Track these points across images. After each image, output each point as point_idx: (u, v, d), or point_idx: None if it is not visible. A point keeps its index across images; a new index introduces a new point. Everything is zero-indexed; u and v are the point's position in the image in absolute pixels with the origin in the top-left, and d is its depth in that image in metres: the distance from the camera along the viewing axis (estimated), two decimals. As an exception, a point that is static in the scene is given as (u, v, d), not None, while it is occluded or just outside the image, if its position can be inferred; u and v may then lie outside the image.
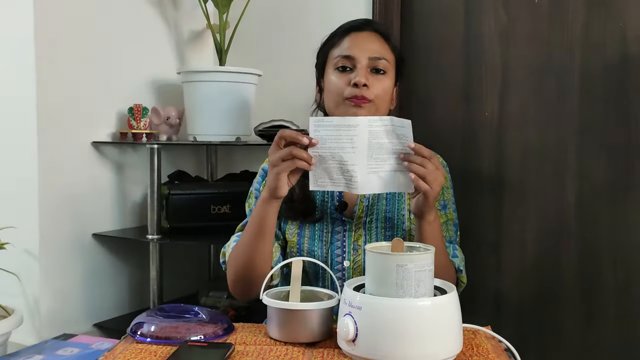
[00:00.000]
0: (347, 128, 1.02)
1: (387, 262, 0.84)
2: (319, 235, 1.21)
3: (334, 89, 1.18)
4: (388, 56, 1.20)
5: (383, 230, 1.19)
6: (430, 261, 0.86)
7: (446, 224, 1.23)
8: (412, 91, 1.77)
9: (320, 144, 1.02)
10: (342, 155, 1.02)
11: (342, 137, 1.02)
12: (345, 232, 1.20)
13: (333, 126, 1.02)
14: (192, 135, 1.87)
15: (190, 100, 1.87)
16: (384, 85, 1.19)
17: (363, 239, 1.19)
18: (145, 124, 1.87)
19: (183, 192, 1.83)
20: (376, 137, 1.02)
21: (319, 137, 1.02)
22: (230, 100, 1.83)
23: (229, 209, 1.85)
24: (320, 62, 1.24)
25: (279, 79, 2.00)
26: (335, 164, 1.03)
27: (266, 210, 1.09)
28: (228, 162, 2.16)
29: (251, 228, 1.12)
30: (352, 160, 1.02)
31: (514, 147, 1.64)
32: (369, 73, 1.17)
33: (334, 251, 1.19)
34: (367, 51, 1.17)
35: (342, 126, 1.02)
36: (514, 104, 1.63)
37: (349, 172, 1.02)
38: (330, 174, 1.03)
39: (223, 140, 1.84)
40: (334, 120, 1.02)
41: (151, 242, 1.75)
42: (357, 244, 1.19)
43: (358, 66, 1.17)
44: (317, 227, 1.20)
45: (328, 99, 1.20)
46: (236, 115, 1.85)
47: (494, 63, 1.65)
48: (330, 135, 1.02)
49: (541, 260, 1.61)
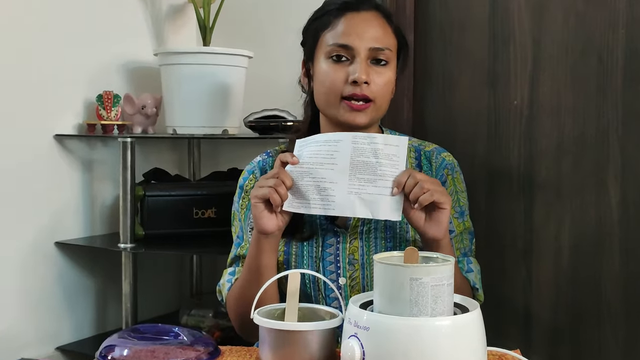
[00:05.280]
0: (327, 143, 1.07)
1: (399, 275, 0.83)
2: (308, 251, 1.21)
3: (328, 85, 1.17)
4: (391, 43, 1.19)
5: (383, 241, 1.19)
6: (449, 274, 0.85)
7: (461, 235, 1.23)
8: (428, 75, 1.76)
9: (300, 160, 1.08)
10: (320, 172, 1.06)
11: (321, 152, 1.06)
12: (338, 245, 1.20)
13: (315, 142, 1.08)
14: (172, 127, 1.87)
15: (169, 87, 1.87)
16: (386, 78, 1.18)
17: (360, 252, 1.19)
18: (117, 114, 1.86)
19: (161, 194, 1.83)
20: (361, 154, 1.05)
21: (300, 155, 1.09)
22: (215, 86, 1.83)
23: (214, 213, 1.85)
24: (309, 43, 1.23)
25: (272, 61, 1.99)
26: (312, 182, 1.06)
27: (260, 249, 1.11)
28: (213, 159, 2.16)
29: (248, 271, 1.14)
30: (330, 177, 1.06)
31: (547, 140, 1.63)
32: (368, 65, 1.17)
33: (327, 267, 1.19)
34: (367, 40, 1.16)
35: (324, 141, 1.07)
36: (547, 89, 1.63)
37: (326, 190, 1.05)
38: (306, 194, 1.07)
39: (207, 133, 1.84)
40: (316, 137, 1.09)
41: (124, 252, 1.75)
42: (354, 258, 1.19)
43: (357, 58, 1.16)
44: (305, 242, 1.21)
45: (320, 92, 1.20)
46: (223, 104, 1.85)
47: (524, 42, 1.65)
48: (310, 151, 1.07)
49: (579, 273, 1.60)
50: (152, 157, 2.06)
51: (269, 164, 1.28)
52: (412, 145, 1.26)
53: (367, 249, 1.19)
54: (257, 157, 1.30)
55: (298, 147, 1.10)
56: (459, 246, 1.21)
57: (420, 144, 1.28)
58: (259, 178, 1.17)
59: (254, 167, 1.28)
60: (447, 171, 1.23)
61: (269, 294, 1.10)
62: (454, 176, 1.24)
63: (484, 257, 1.36)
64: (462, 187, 1.25)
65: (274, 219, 1.09)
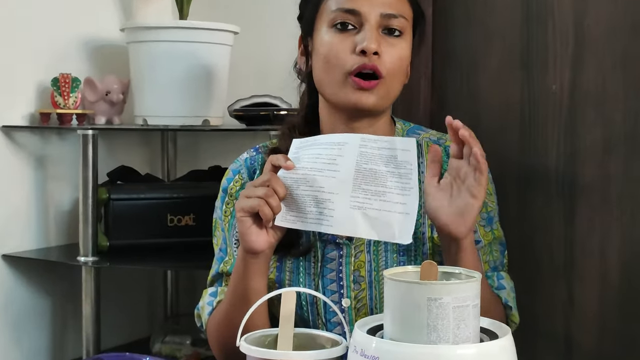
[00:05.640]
0: (330, 146, 1.06)
1: (414, 294, 0.83)
2: (305, 266, 1.21)
3: (332, 58, 1.17)
4: (405, 11, 1.19)
5: (395, 255, 1.19)
6: (475, 293, 0.85)
7: (490, 246, 1.22)
8: (449, 56, 1.76)
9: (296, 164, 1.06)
10: (319, 180, 1.05)
11: (322, 156, 1.05)
12: (341, 259, 1.20)
13: (315, 144, 1.07)
14: (142, 116, 1.87)
15: (139, 68, 1.87)
16: (400, 52, 1.18)
17: (367, 268, 1.19)
18: (76, 101, 1.86)
19: (129, 197, 1.83)
20: (369, 160, 1.04)
21: (296, 158, 1.07)
22: (194, 68, 1.83)
23: (193, 220, 1.85)
24: (308, 15, 1.23)
25: (263, 37, 1.99)
26: (309, 192, 1.05)
27: (247, 271, 1.11)
28: (192, 155, 2.16)
29: (233, 294, 1.14)
30: (330, 187, 1.04)
31: (592, 134, 1.63)
32: (380, 34, 1.17)
33: (327, 286, 1.20)
34: (378, 5, 1.17)
35: (326, 143, 1.06)
36: (592, 74, 1.63)
37: (324, 202, 1.04)
38: (303, 206, 1.06)
39: (185, 125, 1.84)
40: (319, 138, 1.09)
41: (84, 267, 1.75)
42: (359, 275, 1.19)
43: (366, 26, 1.16)
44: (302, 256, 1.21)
45: (320, 69, 1.19)
46: (203, 89, 1.85)
47: (564, 20, 1.65)
48: (308, 154, 1.06)
49: (629, 293, 1.60)
50: (119, 153, 2.06)
51: (259, 162, 1.28)
52: (429, 139, 1.26)
53: (375, 264, 1.19)
54: (243, 154, 1.30)
55: (295, 148, 1.09)
56: (487, 259, 1.21)
57: (439, 138, 1.28)
58: (246, 184, 1.17)
59: (239, 166, 1.28)
60: None
61: (258, 318, 1.10)
62: None
63: (516, 273, 1.36)
64: (490, 190, 1.25)
65: (263, 235, 1.08)
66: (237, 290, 1.13)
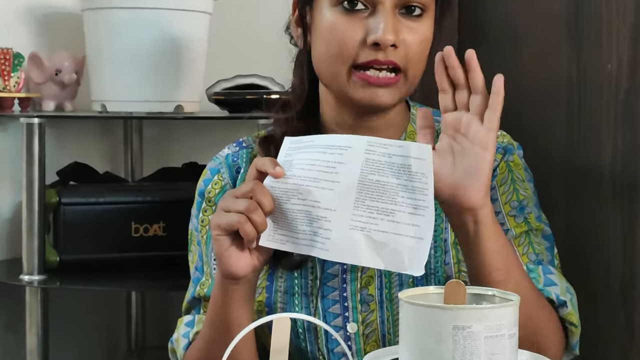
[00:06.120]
0: (329, 149, 1.05)
1: (438, 321, 0.83)
2: (301, 285, 1.21)
3: (335, 45, 1.15)
4: None
5: None
6: (512, 319, 0.85)
7: (527, 236, 1.22)
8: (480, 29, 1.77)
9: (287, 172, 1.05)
10: (314, 192, 1.04)
11: (318, 162, 1.04)
12: (345, 275, 1.21)
13: (312, 146, 1.06)
14: (100, 101, 1.87)
15: (97, 43, 1.87)
16: (421, 35, 1.17)
17: (377, 285, 1.20)
18: (19, 82, 1.86)
19: (84, 201, 1.83)
20: (376, 170, 1.03)
21: (287, 163, 1.06)
22: (165, 41, 1.83)
23: (163, 229, 1.85)
24: None
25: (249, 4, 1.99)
26: (301, 206, 1.04)
27: (227, 300, 1.11)
28: (162, 149, 2.17)
29: (211, 326, 1.15)
30: (327, 201, 1.03)
31: (657, 123, 1.63)
32: (397, 18, 1.15)
33: (328, 309, 1.20)
34: None
35: (325, 146, 1.05)
36: (657, 48, 1.63)
37: (319, 221, 1.04)
38: (293, 223, 1.05)
39: (153, 111, 1.84)
40: (316, 139, 1.07)
41: (28, 287, 1.75)
42: (368, 294, 1.20)
43: (380, 7, 1.14)
44: (295, 272, 1.21)
45: (321, 56, 1.19)
46: (176, 67, 1.85)
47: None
48: (303, 159, 1.05)
49: None
50: (71, 147, 2.07)
51: (243, 158, 1.28)
52: None
53: (387, 279, 1.20)
54: (224, 149, 1.30)
55: (286, 150, 1.08)
56: (525, 250, 1.21)
57: None
58: (225, 192, 1.17)
59: (219, 165, 1.28)
60: (500, 155, 1.24)
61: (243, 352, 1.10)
62: (509, 159, 1.24)
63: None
64: (522, 175, 1.25)
65: (246, 257, 1.07)
66: (216, 323, 1.13)
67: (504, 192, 1.23)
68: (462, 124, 1.05)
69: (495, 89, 1.05)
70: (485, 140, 1.03)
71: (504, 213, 1.19)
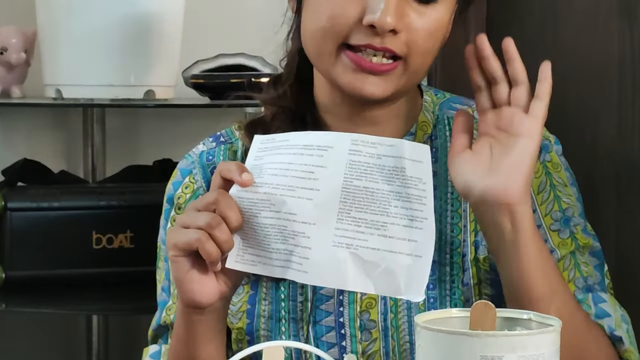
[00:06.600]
0: (307, 150, 1.04)
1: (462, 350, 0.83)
2: (289, 309, 1.22)
3: (324, 19, 1.13)
4: None
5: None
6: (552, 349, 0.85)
7: (573, 256, 1.23)
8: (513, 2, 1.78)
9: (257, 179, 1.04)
10: (288, 202, 1.03)
11: (293, 166, 1.04)
12: (342, 297, 1.21)
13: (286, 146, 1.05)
14: (54, 86, 1.88)
15: (51, 16, 1.87)
16: (433, 24, 1.15)
17: (381, 309, 1.20)
18: (-43, 63, 1.88)
19: (34, 206, 1.83)
20: (363, 174, 1.02)
21: (257, 168, 1.05)
22: (133, 15, 1.84)
23: (129, 239, 1.86)
24: None
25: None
26: (274, 220, 1.04)
27: (191, 333, 1.11)
28: (129, 144, 2.18)
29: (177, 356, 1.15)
30: (305, 213, 1.03)
31: None
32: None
33: (322, 337, 1.21)
34: None
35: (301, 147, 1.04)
36: None
37: (296, 237, 1.03)
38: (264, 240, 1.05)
39: (118, 98, 1.85)
40: (290, 138, 1.07)
41: (-32, 309, 1.77)
42: (369, 319, 1.20)
43: None
44: (282, 291, 1.22)
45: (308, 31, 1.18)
46: (146, 45, 1.86)
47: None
48: (275, 162, 1.05)
49: None
50: (19, 141, 2.08)
51: (220, 156, 1.28)
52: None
53: (392, 303, 1.20)
54: (199, 145, 1.30)
55: (256, 151, 1.08)
56: (572, 276, 1.19)
57: None
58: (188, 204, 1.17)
59: (191, 164, 1.28)
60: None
61: None
62: (545, 159, 1.24)
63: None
64: (563, 179, 1.24)
65: (210, 282, 1.07)
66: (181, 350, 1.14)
67: (544, 202, 1.22)
68: (503, 119, 1.07)
69: (542, 76, 1.07)
70: (530, 128, 1.05)
71: (545, 227, 1.19)
